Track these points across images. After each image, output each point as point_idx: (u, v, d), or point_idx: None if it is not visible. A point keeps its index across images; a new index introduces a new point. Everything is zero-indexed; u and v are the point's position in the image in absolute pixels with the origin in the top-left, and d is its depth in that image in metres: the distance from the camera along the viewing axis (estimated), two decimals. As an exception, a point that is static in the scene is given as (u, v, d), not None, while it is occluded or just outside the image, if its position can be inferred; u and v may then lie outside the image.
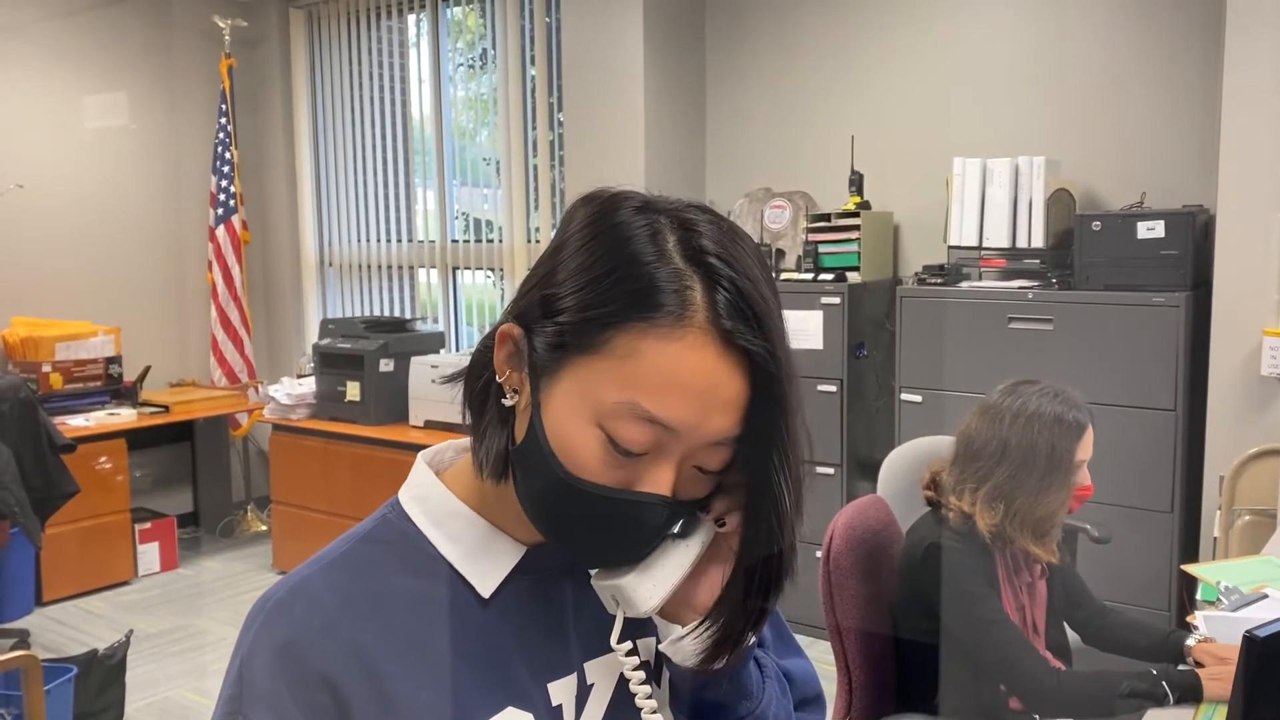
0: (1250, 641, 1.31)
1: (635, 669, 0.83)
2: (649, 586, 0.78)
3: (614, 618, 0.81)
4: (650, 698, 0.84)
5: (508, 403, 0.79)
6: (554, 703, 0.84)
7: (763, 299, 0.74)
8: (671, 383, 0.72)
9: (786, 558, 0.79)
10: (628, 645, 0.82)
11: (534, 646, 0.84)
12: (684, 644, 0.80)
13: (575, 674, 0.86)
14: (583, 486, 0.75)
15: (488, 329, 0.83)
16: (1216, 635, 1.97)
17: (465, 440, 0.89)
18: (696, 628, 0.80)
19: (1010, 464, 1.98)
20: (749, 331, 0.73)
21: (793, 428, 0.75)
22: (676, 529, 0.79)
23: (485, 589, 0.83)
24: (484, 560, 0.84)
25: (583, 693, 0.86)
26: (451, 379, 0.86)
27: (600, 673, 0.87)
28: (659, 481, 0.75)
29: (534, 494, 0.78)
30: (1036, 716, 1.99)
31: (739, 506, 0.78)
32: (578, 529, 0.77)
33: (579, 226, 0.78)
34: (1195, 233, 3.29)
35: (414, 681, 0.79)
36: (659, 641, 0.84)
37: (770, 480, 0.76)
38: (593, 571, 0.82)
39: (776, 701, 0.90)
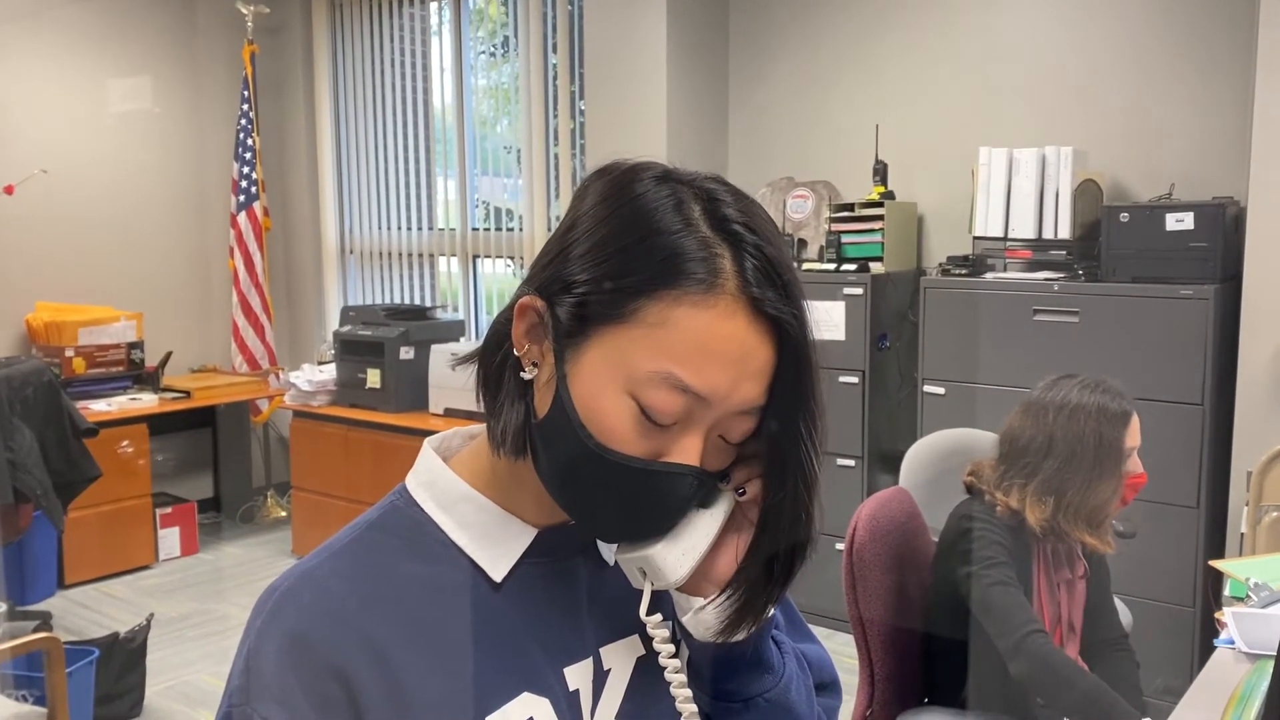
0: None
1: (664, 641, 0.81)
2: (678, 554, 0.77)
3: (630, 601, 0.80)
4: (680, 671, 0.82)
5: (527, 376, 0.78)
6: (571, 688, 0.83)
7: (788, 268, 0.75)
8: (705, 351, 0.72)
9: (813, 524, 0.79)
10: (658, 617, 0.80)
11: (548, 631, 0.83)
12: (705, 615, 0.79)
13: (591, 659, 0.85)
14: (613, 457, 0.74)
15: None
16: (1245, 632, 1.94)
17: (473, 428, 0.88)
18: (717, 598, 0.79)
19: (1058, 457, 1.98)
20: (777, 299, 0.73)
21: (817, 394, 0.76)
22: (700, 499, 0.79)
23: (497, 573, 0.82)
24: (495, 544, 0.82)
25: (600, 678, 0.85)
26: (466, 359, 0.84)
27: (617, 658, 0.86)
28: (688, 451, 0.75)
29: (559, 467, 0.77)
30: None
31: (758, 474, 0.78)
32: (605, 502, 0.76)
33: (599, 198, 0.78)
34: (1225, 225, 3.24)
35: (426, 669, 0.77)
36: (677, 622, 0.82)
37: (798, 447, 0.76)
38: (614, 546, 0.81)
39: (797, 678, 0.88)
